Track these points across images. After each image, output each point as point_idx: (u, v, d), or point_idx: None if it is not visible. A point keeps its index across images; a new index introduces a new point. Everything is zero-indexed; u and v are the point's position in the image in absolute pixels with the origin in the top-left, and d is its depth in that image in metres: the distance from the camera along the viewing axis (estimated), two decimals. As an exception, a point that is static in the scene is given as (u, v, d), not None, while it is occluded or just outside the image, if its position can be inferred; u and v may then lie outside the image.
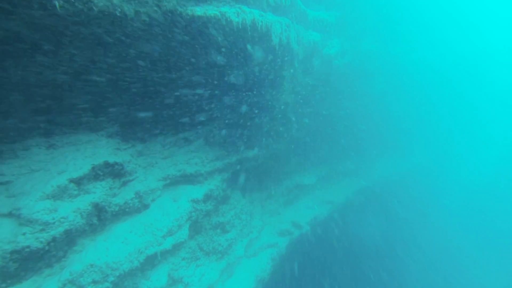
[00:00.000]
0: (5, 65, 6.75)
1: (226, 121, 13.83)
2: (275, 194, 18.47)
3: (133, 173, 9.76)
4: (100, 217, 7.76)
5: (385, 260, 19.57)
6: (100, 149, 8.58)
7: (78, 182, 7.31)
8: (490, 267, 23.51)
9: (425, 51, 25.23)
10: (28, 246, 6.36)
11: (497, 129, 43.77)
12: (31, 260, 6.54)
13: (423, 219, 23.70)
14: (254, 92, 13.55)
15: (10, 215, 6.57)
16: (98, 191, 7.76)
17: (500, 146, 41.64)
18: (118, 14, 6.87)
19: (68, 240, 6.79)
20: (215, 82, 12.48)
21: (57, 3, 5.89)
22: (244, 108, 13.63)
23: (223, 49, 11.40)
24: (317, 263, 18.08)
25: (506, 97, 42.96)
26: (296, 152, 19.12)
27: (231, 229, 13.99)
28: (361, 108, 20.66)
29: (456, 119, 34.64)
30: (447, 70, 28.50)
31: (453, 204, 28.31)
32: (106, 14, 6.75)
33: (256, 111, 14.04)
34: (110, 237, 7.84)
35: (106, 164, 8.29)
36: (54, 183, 6.84)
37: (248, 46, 11.42)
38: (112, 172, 8.58)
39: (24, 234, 6.34)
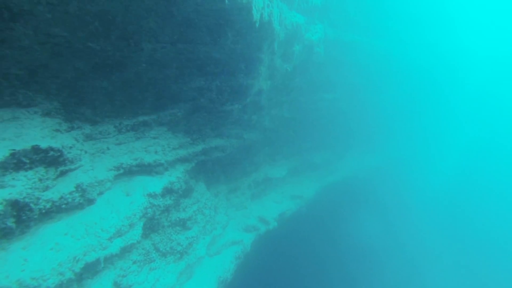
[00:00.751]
0: None
1: (193, 106, 12.05)
2: (242, 186, 16.97)
3: (76, 160, 7.85)
4: (21, 218, 5.86)
5: (356, 257, 18.69)
6: (29, 130, 6.60)
7: (-14, 172, 5.40)
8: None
9: (405, 46, 24.44)
10: None
11: (470, 123, 44.72)
12: None
13: (392, 215, 23.14)
14: (226, 75, 11.83)
15: None
16: (20, 184, 5.84)
17: (472, 139, 42.63)
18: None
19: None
20: (182, 58, 10.66)
21: None
22: (214, 92, 11.90)
23: (194, 20, 9.61)
24: (283, 261, 16.87)
25: (478, 93, 43.99)
26: (267, 143, 17.67)
27: (193, 225, 12.35)
28: (337, 101, 19.47)
29: (430, 113, 34.57)
30: (424, 66, 28.08)
31: (426, 197, 28.16)
32: None
33: (227, 97, 12.33)
34: (34, 243, 5.97)
35: (36, 150, 6.35)
36: None
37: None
38: (45, 159, 6.65)
39: None
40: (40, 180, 6.39)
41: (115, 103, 9.84)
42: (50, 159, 6.78)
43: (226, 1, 8.44)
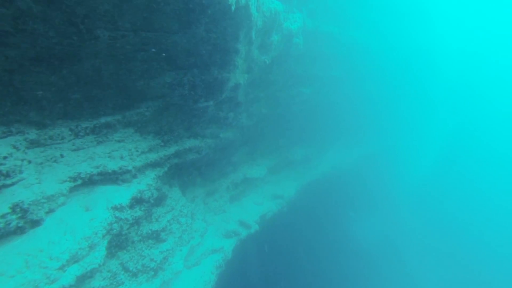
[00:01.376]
0: None
1: (163, 104, 10.44)
2: (220, 189, 15.46)
3: (14, 173, 6.14)
4: None
5: (341, 257, 17.60)
6: None
7: None
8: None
9: (384, 37, 23.41)
10: None
11: (449, 111, 44.49)
12: None
13: (375, 209, 22.25)
14: (199, 68, 10.30)
15: None
16: None
17: (451, 128, 42.42)
18: None
19: None
20: (151, 50, 9.04)
21: None
22: (186, 88, 10.33)
23: (160, 4, 8.02)
24: (266, 265, 15.54)
25: (455, 82, 43.80)
26: (245, 142, 16.24)
27: (168, 237, 10.76)
28: (317, 94, 18.24)
29: (411, 104, 33.65)
30: (404, 57, 27.22)
31: (410, 188, 27.52)
32: None
33: (201, 93, 10.78)
34: None
35: None
36: None
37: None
38: (-38, 176, 4.97)
39: None
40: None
41: (69, 103, 8.12)
42: (-29, 175, 5.07)
43: (196, -22, 6.93)
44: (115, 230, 8.13)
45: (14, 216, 5.69)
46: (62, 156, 7.84)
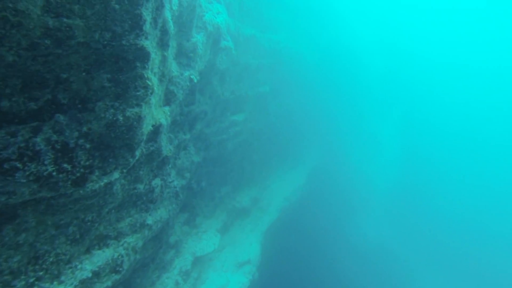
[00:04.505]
0: None
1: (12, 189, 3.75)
2: (167, 291, 8.72)
3: None
4: None
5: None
6: None
7: None
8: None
9: (308, 42, 19.16)
10: None
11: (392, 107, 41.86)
12: None
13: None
14: (71, 107, 4.04)
15: None
16: None
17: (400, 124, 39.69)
18: None
19: None
20: None
21: None
22: (46, 161, 3.88)
23: None
24: None
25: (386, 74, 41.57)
26: (180, 209, 9.87)
27: None
28: (248, 121, 12.94)
29: (351, 109, 29.57)
30: (331, 60, 23.59)
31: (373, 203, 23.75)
32: None
33: (89, 161, 4.40)
34: None
35: None
36: None
37: None
38: None
39: None
40: None
41: None
42: None
43: None
44: None
45: None
46: None
